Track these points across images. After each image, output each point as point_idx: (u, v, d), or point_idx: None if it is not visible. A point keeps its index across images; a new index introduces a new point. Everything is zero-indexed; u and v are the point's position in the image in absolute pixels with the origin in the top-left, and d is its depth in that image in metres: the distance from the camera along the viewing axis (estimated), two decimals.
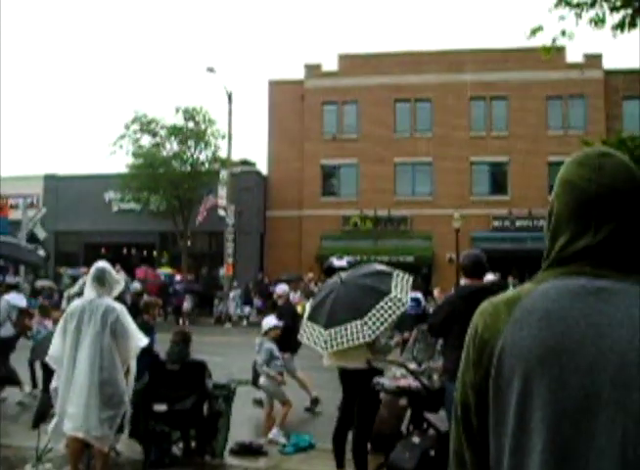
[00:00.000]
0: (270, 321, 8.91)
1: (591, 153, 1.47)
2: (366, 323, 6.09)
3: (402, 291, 6.38)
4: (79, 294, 16.16)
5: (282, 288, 10.98)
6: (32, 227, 28.50)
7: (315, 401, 10.33)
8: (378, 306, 6.15)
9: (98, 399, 5.73)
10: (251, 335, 15.61)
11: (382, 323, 6.11)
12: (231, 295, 29.01)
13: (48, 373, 7.05)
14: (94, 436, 5.78)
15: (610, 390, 1.22)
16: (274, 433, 8.23)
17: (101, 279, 6.10)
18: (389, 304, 6.20)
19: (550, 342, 1.29)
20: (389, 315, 6.14)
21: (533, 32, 9.54)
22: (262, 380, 8.47)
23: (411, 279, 6.64)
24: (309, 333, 6.57)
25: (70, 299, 11.20)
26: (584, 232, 1.39)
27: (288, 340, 9.01)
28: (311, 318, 6.66)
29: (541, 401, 1.27)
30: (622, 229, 1.38)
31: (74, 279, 21.14)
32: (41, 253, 24.11)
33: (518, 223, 33.23)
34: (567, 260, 1.40)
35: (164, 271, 31.47)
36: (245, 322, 28.12)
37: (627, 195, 1.39)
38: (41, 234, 29.36)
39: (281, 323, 9.01)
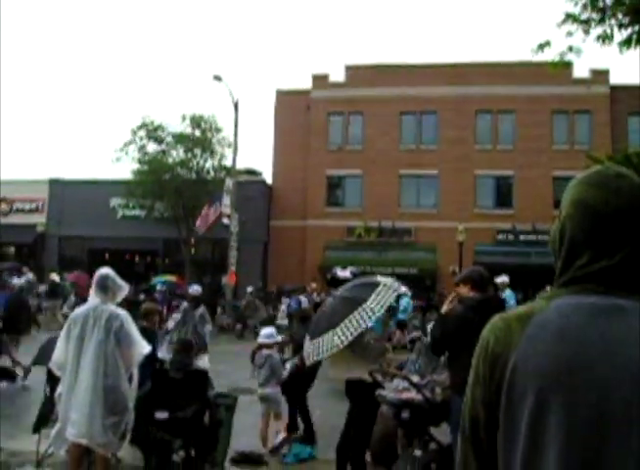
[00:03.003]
0: (272, 334, 8.88)
1: (607, 173, 1.47)
2: (336, 333, 6.23)
3: (379, 301, 6.44)
4: None
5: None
6: None
7: None
8: (350, 317, 6.28)
9: (102, 406, 5.72)
10: (253, 344, 15.55)
11: (351, 333, 6.20)
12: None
13: (51, 378, 7.05)
14: (97, 442, 5.78)
15: (624, 408, 1.22)
16: (279, 438, 8.29)
17: (104, 286, 6.11)
18: (362, 313, 6.29)
19: (564, 358, 1.29)
20: (359, 325, 6.24)
21: (541, 48, 9.56)
22: (268, 390, 8.45)
23: (398, 291, 6.73)
24: (305, 345, 6.73)
25: None
26: (601, 254, 1.39)
27: None
28: (309, 331, 6.87)
29: (555, 418, 1.27)
30: (637, 251, 1.39)
31: None
32: None
33: (522, 237, 33.18)
34: (581, 280, 1.40)
35: (163, 279, 30.97)
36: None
37: None
38: None
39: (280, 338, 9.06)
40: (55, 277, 27.27)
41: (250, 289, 27.22)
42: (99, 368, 5.76)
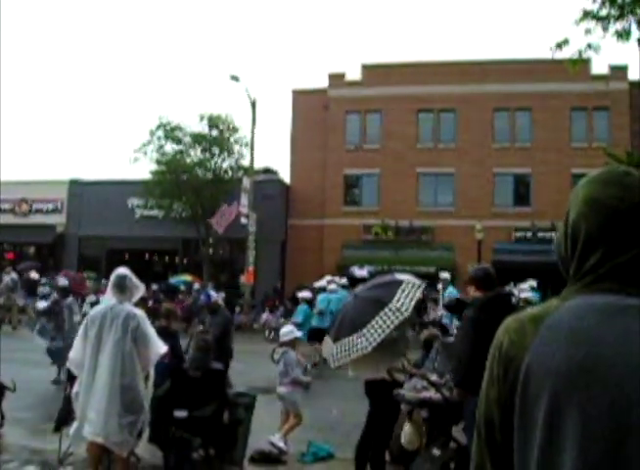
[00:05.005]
0: (292, 331, 8.89)
1: (617, 172, 1.48)
2: (364, 335, 6.17)
3: (404, 300, 6.37)
4: None
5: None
6: None
7: None
8: (377, 318, 6.21)
9: (118, 405, 5.77)
10: (270, 343, 15.62)
11: (379, 335, 6.13)
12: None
13: (71, 378, 7.11)
14: (113, 441, 5.82)
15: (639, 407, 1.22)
16: (276, 438, 8.18)
17: (121, 285, 6.16)
18: (389, 314, 6.23)
19: (578, 359, 1.28)
20: (387, 326, 6.17)
21: (559, 46, 9.51)
22: (281, 389, 8.46)
23: (422, 287, 6.69)
24: (325, 347, 6.72)
25: None
26: (616, 251, 1.39)
27: None
28: (329, 332, 6.86)
29: (570, 419, 1.26)
30: None
31: None
32: None
33: (540, 235, 32.97)
34: (595, 278, 1.40)
35: (181, 279, 31.04)
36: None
37: None
38: None
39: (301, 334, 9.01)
40: (34, 275, 27.99)
41: (196, 286, 27.45)
42: (116, 367, 5.80)
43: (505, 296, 6.11)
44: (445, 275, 19.25)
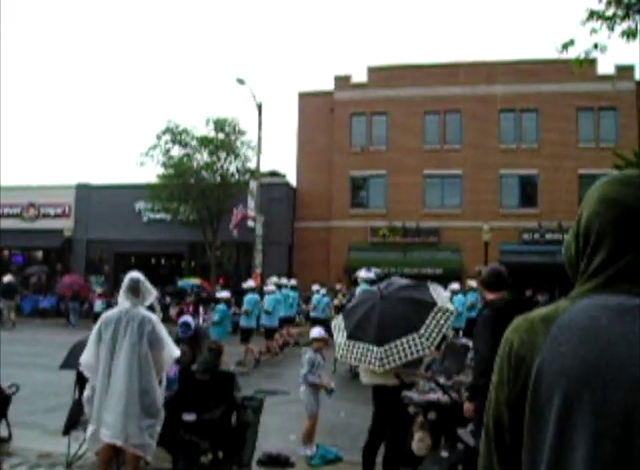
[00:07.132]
0: (316, 332, 8.87)
1: (632, 174, 1.48)
2: (423, 335, 6.18)
3: (445, 302, 6.61)
4: None
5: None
6: None
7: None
8: (430, 318, 6.27)
9: (137, 408, 5.77)
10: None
11: (437, 334, 6.23)
12: None
13: (79, 381, 7.12)
14: (133, 444, 5.81)
15: None
16: (304, 450, 8.19)
17: (135, 289, 6.17)
18: (440, 314, 6.33)
19: (591, 360, 1.28)
20: (442, 326, 6.27)
21: (565, 47, 9.49)
22: (302, 389, 8.45)
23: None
24: (356, 352, 6.45)
25: None
26: (627, 249, 1.39)
27: None
28: (354, 337, 6.55)
29: (582, 419, 1.26)
30: None
31: None
32: None
33: (547, 236, 32.91)
34: (605, 279, 1.40)
35: (190, 281, 31.14)
36: None
37: None
38: None
39: (326, 334, 8.88)
40: (10, 278, 28.56)
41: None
42: (133, 371, 5.80)
43: (527, 301, 6.13)
44: (367, 274, 14.85)
